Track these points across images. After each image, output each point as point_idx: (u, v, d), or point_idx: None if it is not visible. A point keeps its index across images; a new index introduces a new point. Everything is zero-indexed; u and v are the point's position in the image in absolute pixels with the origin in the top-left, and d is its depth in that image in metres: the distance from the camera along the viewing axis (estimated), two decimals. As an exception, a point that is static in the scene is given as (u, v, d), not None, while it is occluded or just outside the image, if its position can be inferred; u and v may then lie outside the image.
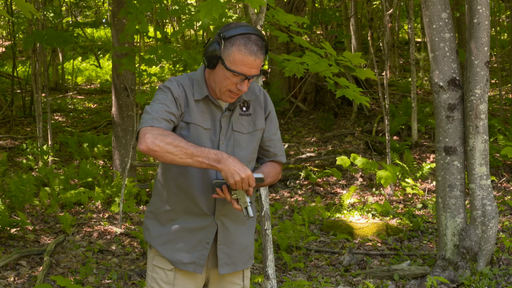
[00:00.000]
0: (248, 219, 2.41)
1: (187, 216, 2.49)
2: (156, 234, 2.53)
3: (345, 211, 7.16)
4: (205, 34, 17.28)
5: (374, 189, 7.95)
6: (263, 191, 3.96)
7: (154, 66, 14.60)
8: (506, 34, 17.09)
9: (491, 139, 9.05)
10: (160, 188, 2.53)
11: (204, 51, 2.42)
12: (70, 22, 17.47)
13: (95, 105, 14.51)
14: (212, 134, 2.46)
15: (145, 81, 14.20)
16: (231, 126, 2.50)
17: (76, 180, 8.36)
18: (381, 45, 14.33)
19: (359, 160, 7.15)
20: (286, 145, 9.32)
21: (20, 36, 14.73)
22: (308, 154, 9.18)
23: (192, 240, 2.49)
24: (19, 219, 6.54)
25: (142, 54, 6.83)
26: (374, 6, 16.42)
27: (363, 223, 6.58)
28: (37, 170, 8.97)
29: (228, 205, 2.48)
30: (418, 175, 8.25)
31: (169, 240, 2.50)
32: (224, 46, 2.35)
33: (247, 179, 2.27)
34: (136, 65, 6.74)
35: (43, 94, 11.58)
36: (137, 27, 5.94)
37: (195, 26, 11.83)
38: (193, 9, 6.94)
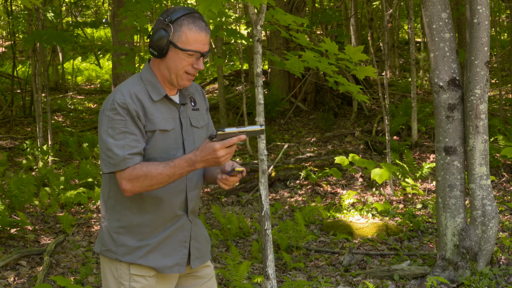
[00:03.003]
0: (263, 132, 2.33)
1: (165, 221, 2.45)
2: (133, 248, 2.43)
3: (345, 211, 7.16)
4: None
5: (374, 189, 7.95)
6: (263, 191, 3.96)
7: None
8: (506, 34, 17.10)
9: (491, 139, 9.05)
10: (128, 202, 2.43)
11: (151, 42, 2.39)
12: (70, 22, 17.46)
13: (95, 105, 14.51)
14: (175, 134, 2.44)
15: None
16: (189, 121, 2.50)
17: (76, 180, 8.36)
18: (381, 45, 14.33)
19: (357, 159, 7.16)
20: (286, 145, 9.31)
21: (20, 36, 14.73)
22: (308, 154, 9.18)
23: (173, 243, 2.47)
24: (19, 219, 6.54)
25: (142, 54, 6.84)
26: (374, 6, 16.43)
27: (363, 223, 6.58)
28: (37, 170, 8.98)
29: (194, 200, 2.50)
30: (418, 175, 8.25)
31: (150, 250, 2.43)
32: (173, 29, 2.34)
33: (217, 152, 2.25)
34: (136, 65, 6.75)
35: (43, 94, 11.58)
36: (135, 23, 5.94)
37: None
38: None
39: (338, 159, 7.20)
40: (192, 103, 2.53)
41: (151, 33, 2.42)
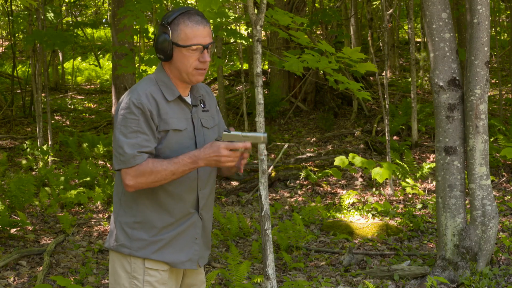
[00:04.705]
0: (265, 140, 2.45)
1: (178, 218, 2.52)
2: (147, 242, 2.49)
3: (345, 211, 7.16)
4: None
5: (374, 189, 7.95)
6: (263, 191, 3.96)
7: (154, 66, 14.59)
8: (506, 34, 17.09)
9: (491, 139, 9.06)
10: (143, 198, 2.49)
11: (156, 47, 2.48)
12: (70, 22, 17.46)
13: (95, 105, 14.52)
14: (188, 134, 2.51)
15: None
16: (200, 122, 2.57)
17: (76, 180, 8.36)
18: (381, 45, 14.33)
19: (357, 159, 7.15)
20: (286, 145, 9.31)
21: (20, 36, 14.73)
22: (308, 154, 9.18)
23: (185, 239, 2.54)
24: (19, 219, 6.54)
25: (142, 54, 6.84)
26: (374, 6, 16.43)
27: (363, 223, 6.58)
28: (37, 170, 8.98)
29: (206, 198, 2.58)
30: (418, 175, 8.25)
31: (164, 245, 2.50)
32: (172, 30, 2.43)
33: (221, 150, 2.35)
34: (136, 65, 6.75)
35: (43, 94, 11.58)
36: (134, 22, 5.94)
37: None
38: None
39: (337, 161, 7.19)
40: (202, 104, 2.60)
41: (154, 40, 2.50)
